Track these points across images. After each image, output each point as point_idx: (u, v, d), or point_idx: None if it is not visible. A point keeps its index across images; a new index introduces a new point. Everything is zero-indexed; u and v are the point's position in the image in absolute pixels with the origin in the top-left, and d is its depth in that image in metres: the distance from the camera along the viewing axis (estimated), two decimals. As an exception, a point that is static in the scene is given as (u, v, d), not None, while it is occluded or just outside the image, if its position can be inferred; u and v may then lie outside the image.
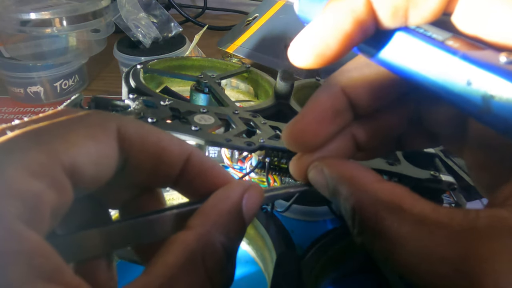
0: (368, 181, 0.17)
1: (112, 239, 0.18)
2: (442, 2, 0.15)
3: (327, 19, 0.16)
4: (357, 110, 0.20)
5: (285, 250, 0.28)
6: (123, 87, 0.39)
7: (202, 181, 0.19)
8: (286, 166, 0.32)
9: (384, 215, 0.15)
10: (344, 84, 0.19)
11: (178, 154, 0.18)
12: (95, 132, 0.16)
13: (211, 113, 0.33)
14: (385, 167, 0.30)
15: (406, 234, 0.14)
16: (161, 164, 0.18)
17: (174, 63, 0.47)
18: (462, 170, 0.34)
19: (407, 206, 0.15)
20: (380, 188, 0.16)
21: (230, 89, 0.50)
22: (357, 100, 0.20)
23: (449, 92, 0.15)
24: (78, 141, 0.15)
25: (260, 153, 0.31)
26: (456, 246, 0.13)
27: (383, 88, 0.20)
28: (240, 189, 0.18)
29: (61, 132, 0.15)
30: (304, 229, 0.37)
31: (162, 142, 0.18)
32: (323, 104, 0.19)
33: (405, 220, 0.15)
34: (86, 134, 0.15)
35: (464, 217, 0.14)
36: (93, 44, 0.62)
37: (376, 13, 0.16)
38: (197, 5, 1.00)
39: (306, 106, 0.20)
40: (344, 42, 0.16)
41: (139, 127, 0.18)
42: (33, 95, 0.58)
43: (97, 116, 0.17)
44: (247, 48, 0.66)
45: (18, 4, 0.55)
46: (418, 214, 0.14)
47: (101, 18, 0.60)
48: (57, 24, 0.56)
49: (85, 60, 0.62)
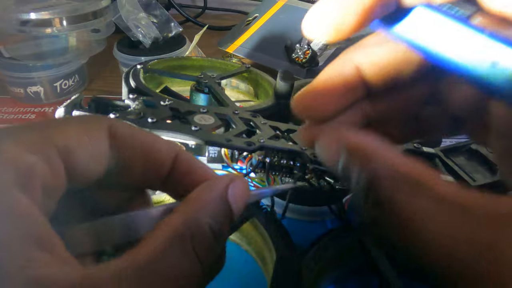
0: (387, 152, 0.16)
1: (100, 235, 0.18)
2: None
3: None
4: (370, 87, 0.19)
5: (285, 250, 0.28)
6: (123, 87, 0.39)
7: (190, 180, 0.19)
8: (286, 166, 0.32)
9: (401, 187, 0.14)
10: (359, 60, 0.19)
11: (167, 152, 0.19)
12: (89, 126, 0.17)
13: (211, 113, 0.33)
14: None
15: (426, 210, 0.13)
16: (151, 162, 0.19)
17: (174, 63, 0.47)
18: (462, 170, 0.34)
19: (429, 182, 0.14)
20: (400, 161, 0.15)
21: (230, 89, 0.50)
22: (371, 77, 0.19)
23: (473, 72, 0.15)
24: (72, 131, 0.16)
25: (260, 153, 0.31)
26: (485, 231, 0.12)
27: (399, 66, 0.19)
28: (225, 180, 0.18)
29: (56, 124, 0.16)
30: (304, 229, 0.37)
31: (151, 141, 0.19)
32: (335, 78, 0.19)
33: (426, 196, 0.14)
34: (80, 128, 0.17)
35: (487, 201, 0.13)
36: (93, 44, 0.62)
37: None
38: (197, 5, 1.00)
39: (319, 77, 0.19)
40: (363, 15, 0.16)
41: (128, 127, 0.18)
42: (33, 95, 0.58)
43: (91, 116, 0.19)
44: (247, 48, 0.66)
45: (18, 4, 0.55)
46: (438, 192, 0.14)
47: (101, 18, 0.60)
48: (57, 24, 0.56)
49: (85, 60, 0.62)
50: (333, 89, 0.19)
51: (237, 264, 0.33)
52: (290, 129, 0.34)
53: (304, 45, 0.58)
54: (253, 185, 0.33)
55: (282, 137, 0.32)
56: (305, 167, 0.31)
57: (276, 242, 0.29)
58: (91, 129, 0.17)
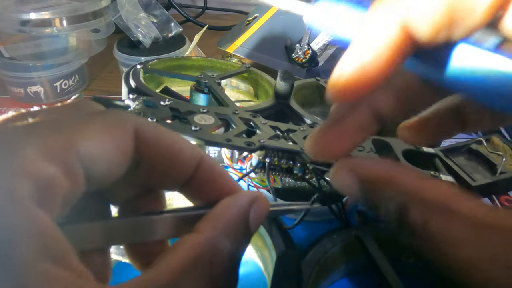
0: (410, 179, 0.16)
1: (112, 234, 0.18)
2: (489, 12, 0.14)
3: (364, 48, 0.16)
4: (384, 120, 0.19)
5: (285, 250, 0.28)
6: (123, 87, 0.39)
7: (210, 187, 0.19)
8: (286, 166, 0.32)
9: (433, 216, 0.14)
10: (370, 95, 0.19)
11: (191, 158, 0.18)
12: (113, 129, 0.16)
13: (211, 113, 0.33)
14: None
15: (461, 236, 0.14)
16: (173, 167, 0.18)
17: (174, 63, 0.47)
18: (462, 170, 0.34)
19: (455, 206, 0.14)
20: (424, 186, 0.15)
21: (230, 89, 0.50)
22: (384, 110, 0.19)
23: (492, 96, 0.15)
24: (96, 135, 0.15)
25: (260, 153, 0.31)
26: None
27: (413, 96, 0.19)
28: (249, 198, 0.18)
29: (80, 125, 0.15)
30: (304, 229, 0.37)
31: (177, 145, 0.18)
32: (347, 119, 0.19)
33: (459, 222, 0.14)
34: (104, 130, 0.16)
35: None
36: (93, 44, 0.62)
37: (414, 35, 0.15)
38: (197, 5, 1.00)
39: (330, 119, 0.19)
40: (385, 69, 0.16)
41: (155, 128, 0.18)
42: (33, 95, 0.58)
43: (116, 114, 0.17)
44: (247, 48, 0.66)
45: (18, 4, 0.55)
46: (470, 215, 0.14)
47: (101, 18, 0.60)
48: (57, 24, 0.56)
49: (85, 60, 0.62)
50: (344, 130, 0.19)
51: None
52: (290, 129, 0.34)
53: (304, 45, 0.58)
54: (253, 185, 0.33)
55: (282, 137, 0.32)
56: (305, 167, 0.31)
57: (276, 242, 0.29)
58: (115, 132, 0.16)
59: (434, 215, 0.14)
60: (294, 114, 0.39)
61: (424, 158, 0.34)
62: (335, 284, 0.32)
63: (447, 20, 0.14)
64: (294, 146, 0.31)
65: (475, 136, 0.52)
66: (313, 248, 0.29)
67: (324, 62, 0.60)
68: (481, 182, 0.33)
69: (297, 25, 0.66)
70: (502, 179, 0.34)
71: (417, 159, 0.33)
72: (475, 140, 0.38)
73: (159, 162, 0.18)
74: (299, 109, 0.40)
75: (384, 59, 0.15)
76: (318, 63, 0.59)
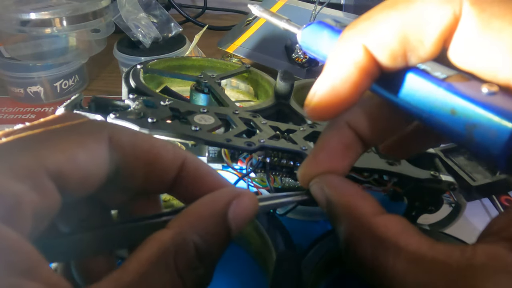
0: (365, 213, 0.17)
1: (110, 240, 0.18)
2: (436, 44, 0.16)
3: (334, 72, 0.18)
4: (364, 141, 0.21)
5: (285, 250, 0.28)
6: (123, 87, 0.39)
7: (198, 186, 0.19)
8: (286, 166, 0.32)
9: (380, 252, 0.16)
10: (348, 119, 0.20)
11: (172, 160, 0.19)
12: (86, 140, 0.16)
13: (211, 113, 0.33)
14: (385, 167, 0.30)
15: (403, 271, 0.15)
16: (154, 170, 0.18)
17: (174, 63, 0.47)
18: (462, 170, 0.34)
19: (403, 243, 0.15)
20: (376, 223, 0.16)
21: (230, 89, 0.50)
22: (362, 132, 0.20)
23: (436, 121, 0.16)
24: (67, 148, 0.16)
25: (260, 153, 0.31)
26: (454, 284, 0.14)
27: (385, 117, 0.20)
28: (229, 195, 0.18)
29: (50, 139, 0.16)
30: (304, 229, 0.37)
31: (155, 149, 0.18)
32: (332, 142, 0.20)
33: (402, 257, 0.15)
34: (76, 142, 0.16)
35: (461, 254, 0.14)
36: (93, 44, 0.62)
37: (376, 60, 0.17)
38: (197, 5, 1.00)
39: (317, 145, 0.21)
40: (354, 89, 0.18)
41: (131, 135, 0.18)
42: (33, 95, 0.58)
43: (90, 124, 0.17)
44: (247, 48, 0.66)
45: (18, 4, 0.55)
46: (415, 251, 0.15)
47: (101, 18, 0.60)
48: (57, 24, 0.56)
49: (85, 60, 0.62)
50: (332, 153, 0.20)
51: (237, 264, 0.33)
52: (290, 129, 0.34)
53: (304, 45, 0.58)
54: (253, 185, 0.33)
55: (282, 137, 0.32)
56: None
57: (276, 242, 0.29)
58: (88, 143, 0.16)
59: (381, 250, 0.16)
60: (294, 114, 0.39)
61: (424, 158, 0.34)
62: (335, 284, 0.32)
63: (401, 48, 0.17)
64: (294, 146, 0.31)
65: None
66: (313, 248, 0.29)
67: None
68: (481, 182, 0.33)
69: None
70: (502, 179, 0.34)
71: (418, 159, 0.33)
72: (475, 140, 0.38)
73: (138, 166, 0.18)
74: (299, 109, 0.40)
75: (352, 80, 0.17)
76: (318, 63, 0.59)
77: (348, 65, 0.17)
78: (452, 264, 0.14)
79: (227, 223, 0.17)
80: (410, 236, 0.16)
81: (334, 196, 0.18)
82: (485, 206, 0.42)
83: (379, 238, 0.16)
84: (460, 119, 0.15)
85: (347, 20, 0.65)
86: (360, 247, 0.16)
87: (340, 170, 0.20)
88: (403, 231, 0.16)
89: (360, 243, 0.16)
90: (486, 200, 0.42)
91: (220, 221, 0.17)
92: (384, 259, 0.15)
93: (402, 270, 0.15)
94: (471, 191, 0.32)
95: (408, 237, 0.15)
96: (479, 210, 0.41)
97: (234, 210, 0.17)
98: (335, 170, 0.20)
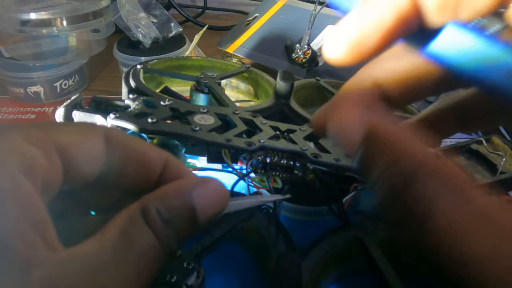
0: (424, 148, 0.14)
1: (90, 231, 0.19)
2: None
3: (368, 12, 0.15)
4: (390, 101, 0.19)
5: (285, 250, 0.28)
6: (123, 87, 0.39)
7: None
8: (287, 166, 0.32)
9: (446, 195, 0.13)
10: (376, 76, 0.18)
11: (157, 158, 0.20)
12: (86, 130, 0.18)
13: (211, 113, 0.33)
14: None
15: (469, 222, 0.13)
16: (142, 167, 0.20)
17: (174, 63, 0.47)
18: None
19: (472, 192, 0.13)
20: (440, 162, 0.14)
21: (230, 89, 0.50)
22: (390, 92, 0.18)
23: (494, 83, 0.14)
24: (72, 133, 0.17)
25: (260, 153, 0.31)
26: None
27: (420, 80, 0.18)
28: (196, 179, 0.19)
29: (57, 126, 0.18)
30: (304, 229, 0.37)
31: (143, 147, 0.20)
32: (352, 99, 0.18)
33: (471, 208, 0.13)
34: (77, 130, 0.18)
35: None
36: (93, 44, 0.62)
37: (421, 10, 0.15)
38: (197, 5, 1.00)
39: (337, 96, 0.19)
40: (385, 38, 0.15)
41: (122, 133, 0.20)
42: (33, 95, 0.58)
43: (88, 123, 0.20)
44: (247, 48, 0.66)
45: (18, 4, 0.55)
46: (483, 205, 0.13)
47: (101, 18, 0.60)
48: (57, 24, 0.56)
49: (85, 60, 0.62)
50: (351, 105, 0.18)
51: (237, 264, 0.33)
52: (290, 129, 0.34)
53: (304, 45, 0.58)
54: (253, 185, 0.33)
55: (282, 137, 0.32)
56: (305, 167, 0.31)
57: (276, 242, 0.29)
58: (88, 132, 0.18)
59: (444, 194, 0.13)
60: (294, 114, 0.39)
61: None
62: (335, 284, 0.32)
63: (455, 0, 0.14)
64: (294, 146, 0.31)
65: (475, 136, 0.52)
66: (313, 248, 0.29)
67: (324, 62, 0.60)
68: (481, 182, 0.33)
69: (297, 25, 0.66)
70: (502, 179, 0.34)
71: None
72: (475, 140, 0.38)
73: (129, 163, 0.19)
74: (299, 109, 0.40)
75: (387, 26, 0.15)
76: (318, 63, 0.59)
77: (387, 7, 0.15)
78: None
79: (191, 202, 0.18)
80: (475, 186, 0.13)
81: (379, 130, 0.15)
82: (485, 206, 0.42)
83: (444, 180, 0.13)
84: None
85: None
86: (416, 191, 0.13)
87: (355, 128, 0.17)
88: (467, 178, 0.14)
89: (418, 185, 0.13)
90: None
91: (183, 198, 0.18)
92: (446, 205, 0.13)
93: (466, 221, 0.13)
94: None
95: (473, 186, 0.13)
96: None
97: (198, 194, 0.18)
98: (350, 127, 0.17)
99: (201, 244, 0.27)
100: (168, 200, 0.18)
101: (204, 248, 0.27)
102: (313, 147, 0.32)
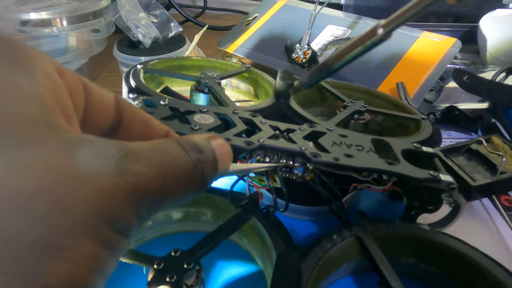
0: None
1: None
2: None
3: None
4: None
5: (285, 250, 0.28)
6: (123, 87, 0.39)
7: (141, 127, 0.21)
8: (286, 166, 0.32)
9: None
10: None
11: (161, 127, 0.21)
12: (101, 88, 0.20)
13: (210, 113, 0.33)
14: (385, 166, 0.30)
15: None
16: (147, 132, 0.21)
17: (174, 63, 0.47)
18: (462, 170, 0.34)
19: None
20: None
21: (230, 89, 0.50)
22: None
23: None
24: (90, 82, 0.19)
25: (259, 153, 0.31)
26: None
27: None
28: (207, 135, 0.20)
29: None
30: (304, 229, 0.37)
31: (147, 115, 0.21)
32: None
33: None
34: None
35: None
36: (93, 44, 0.62)
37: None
38: (197, 5, 1.00)
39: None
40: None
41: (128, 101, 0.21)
42: (33, 95, 0.58)
43: None
44: (247, 48, 0.66)
45: (18, 4, 0.55)
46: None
47: (101, 18, 0.60)
48: (57, 24, 0.56)
49: (85, 60, 0.62)
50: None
51: (237, 264, 0.33)
52: (290, 129, 0.34)
53: (304, 45, 0.58)
54: (253, 185, 0.33)
55: (282, 136, 0.32)
56: (305, 167, 0.31)
57: (276, 242, 0.29)
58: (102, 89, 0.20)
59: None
60: (294, 114, 0.39)
61: (423, 157, 0.34)
62: (335, 284, 0.32)
63: None
64: (293, 146, 0.31)
65: (475, 136, 0.52)
66: (313, 248, 0.29)
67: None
68: (481, 182, 0.33)
69: (297, 25, 0.66)
70: (502, 179, 0.33)
71: (417, 159, 0.33)
72: (475, 140, 0.38)
73: (135, 124, 0.21)
74: (299, 109, 0.40)
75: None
76: (318, 63, 0.59)
77: None
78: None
79: (213, 149, 0.19)
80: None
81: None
82: (485, 206, 0.42)
83: None
84: None
85: (347, 20, 0.65)
86: None
87: None
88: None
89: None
90: (486, 200, 0.42)
91: (209, 145, 0.19)
92: None
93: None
94: (470, 191, 0.32)
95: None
96: (479, 210, 0.41)
97: (215, 143, 0.19)
98: None
99: (201, 244, 0.27)
100: (197, 140, 0.18)
101: (204, 248, 0.27)
102: (312, 147, 0.32)
